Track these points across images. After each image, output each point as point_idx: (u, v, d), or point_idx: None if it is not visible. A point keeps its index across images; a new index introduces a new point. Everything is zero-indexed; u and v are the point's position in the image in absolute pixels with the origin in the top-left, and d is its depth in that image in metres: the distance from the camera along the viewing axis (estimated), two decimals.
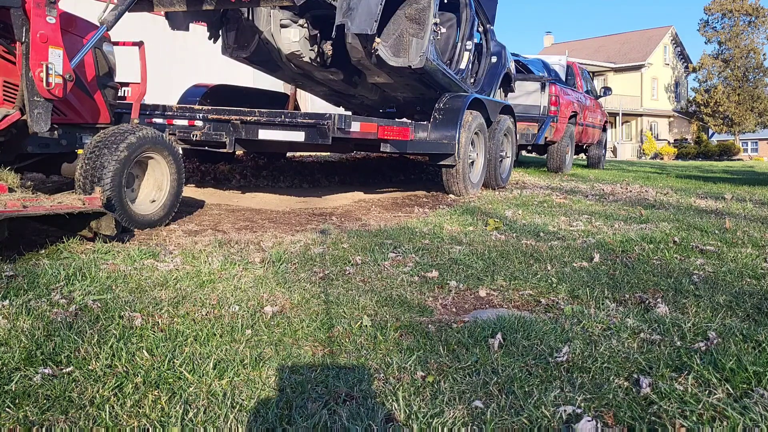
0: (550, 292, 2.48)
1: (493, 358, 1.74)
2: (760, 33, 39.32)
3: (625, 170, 12.83)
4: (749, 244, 3.47)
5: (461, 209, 4.91)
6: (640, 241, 3.51)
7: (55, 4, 3.03)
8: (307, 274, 2.68)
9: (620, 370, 1.66)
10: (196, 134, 4.79)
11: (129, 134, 3.52)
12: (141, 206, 3.75)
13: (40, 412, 1.40)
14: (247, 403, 1.47)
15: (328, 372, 1.65)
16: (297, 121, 4.47)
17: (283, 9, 5.70)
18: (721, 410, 1.41)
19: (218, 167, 6.83)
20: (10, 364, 1.62)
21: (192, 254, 2.95)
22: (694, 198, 6.39)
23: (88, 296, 2.21)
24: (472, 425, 1.39)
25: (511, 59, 8.39)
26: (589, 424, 1.35)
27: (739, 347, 1.76)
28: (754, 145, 44.41)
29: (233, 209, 4.83)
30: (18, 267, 2.59)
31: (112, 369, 1.63)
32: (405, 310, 2.21)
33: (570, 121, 10.16)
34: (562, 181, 8.49)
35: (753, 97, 38.44)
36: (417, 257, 3.05)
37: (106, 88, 3.92)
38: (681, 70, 44.09)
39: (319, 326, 2.01)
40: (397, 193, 6.18)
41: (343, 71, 6.24)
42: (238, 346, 1.81)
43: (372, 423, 1.37)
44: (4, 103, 3.15)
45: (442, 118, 5.76)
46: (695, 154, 35.81)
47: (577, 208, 5.29)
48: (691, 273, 2.76)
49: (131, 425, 1.36)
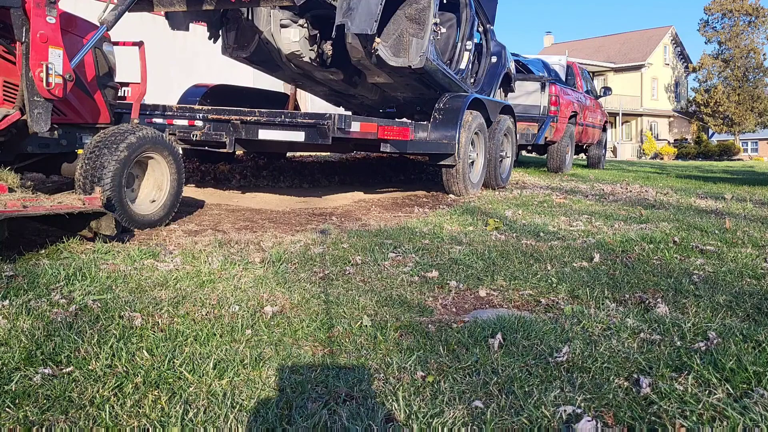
0: (550, 292, 2.48)
1: (493, 358, 1.74)
2: (760, 33, 39.32)
3: (625, 170, 12.83)
4: (749, 244, 3.47)
5: (461, 209, 4.91)
6: (640, 241, 3.51)
7: (55, 4, 3.03)
8: (307, 274, 2.68)
9: (620, 370, 1.66)
10: (196, 134, 4.79)
11: (129, 134, 3.52)
12: (141, 206, 3.74)
13: (40, 412, 1.40)
14: (247, 403, 1.47)
15: (328, 372, 1.65)
16: (297, 121, 4.47)
17: (283, 9, 5.70)
18: (721, 410, 1.41)
19: (218, 167, 6.83)
20: (10, 364, 1.62)
21: (192, 254, 2.95)
22: (694, 198, 6.39)
23: (88, 296, 2.21)
24: (472, 425, 1.39)
25: (511, 59, 8.39)
26: (589, 424, 1.35)
27: (739, 347, 1.76)
28: (754, 145, 44.41)
29: (233, 209, 4.83)
30: (18, 267, 2.59)
31: (112, 369, 1.63)
32: (405, 310, 2.21)
33: (570, 121, 10.16)
34: (562, 181, 8.49)
35: (753, 97, 38.43)
36: (417, 257, 3.05)
37: (106, 88, 3.92)
38: (681, 70, 44.09)
39: (319, 326, 2.01)
40: (397, 193, 6.18)
41: (343, 71, 6.24)
42: (238, 346, 1.81)
43: (372, 423, 1.37)
44: (4, 103, 3.15)
45: (442, 118, 5.76)
46: (695, 154, 35.80)
47: (577, 208, 5.29)
48: (691, 273, 2.76)
49: (131, 425, 1.36)
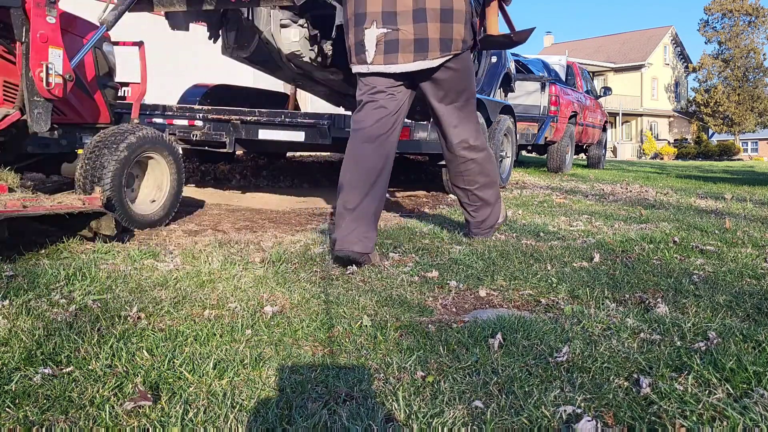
0: (550, 292, 2.48)
1: (493, 358, 1.74)
2: (760, 33, 39.32)
3: (625, 170, 12.84)
4: (749, 244, 3.47)
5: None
6: (640, 241, 3.51)
7: (55, 4, 3.03)
8: (307, 274, 2.68)
9: (620, 370, 1.66)
10: (196, 134, 4.80)
11: (129, 134, 3.52)
12: (141, 206, 3.75)
13: (40, 412, 1.40)
14: (247, 403, 1.47)
15: (328, 372, 1.65)
16: (297, 121, 4.47)
17: (283, 9, 5.69)
18: (721, 410, 1.41)
19: (218, 167, 6.84)
20: (10, 364, 1.62)
21: (192, 254, 2.95)
22: (694, 198, 6.39)
23: (88, 296, 2.21)
24: (472, 425, 1.39)
25: (511, 59, 8.39)
26: (589, 424, 1.35)
27: (739, 347, 1.76)
28: (754, 145, 44.40)
29: (233, 209, 4.83)
30: (18, 267, 2.59)
31: (112, 369, 1.63)
32: (405, 310, 2.21)
33: (570, 121, 10.16)
34: (562, 181, 8.50)
35: (753, 97, 38.44)
36: (417, 257, 3.05)
37: (106, 88, 3.92)
38: (681, 70, 44.08)
39: (319, 326, 2.01)
40: (397, 193, 6.19)
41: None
42: (238, 346, 1.81)
43: (372, 423, 1.37)
44: (4, 103, 3.15)
45: None
46: (695, 154, 35.81)
47: (577, 208, 5.29)
48: (691, 273, 2.76)
49: (131, 425, 1.36)
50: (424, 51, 2.80)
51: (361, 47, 2.87)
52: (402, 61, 2.81)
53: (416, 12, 2.76)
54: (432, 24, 2.77)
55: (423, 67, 2.85)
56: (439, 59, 2.84)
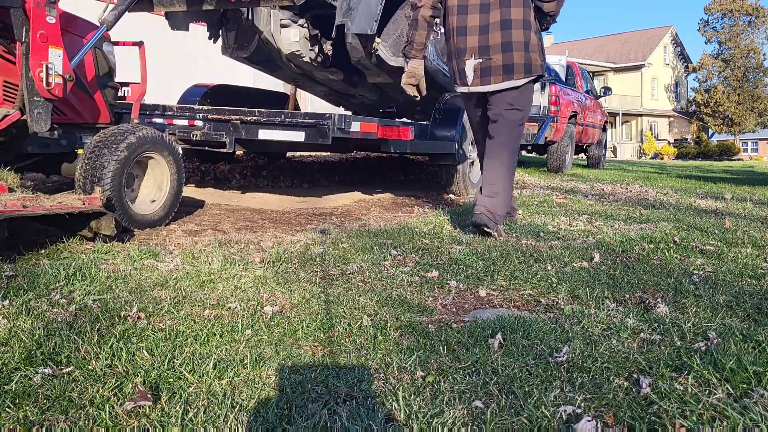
0: (550, 292, 2.48)
1: (493, 358, 1.74)
2: (760, 33, 39.32)
3: (625, 170, 12.84)
4: (749, 244, 3.47)
5: (461, 209, 4.91)
6: (640, 241, 3.51)
7: (55, 4, 3.03)
8: (307, 274, 2.68)
9: (620, 370, 1.66)
10: (196, 134, 4.80)
11: (129, 134, 3.52)
12: (141, 206, 3.75)
13: (40, 412, 1.40)
14: (247, 403, 1.47)
15: (328, 372, 1.65)
16: (297, 121, 4.47)
17: (283, 9, 5.70)
18: (721, 410, 1.41)
19: (218, 167, 6.84)
20: (10, 364, 1.62)
21: (192, 254, 2.95)
22: (694, 198, 6.39)
23: (88, 296, 2.21)
24: (472, 425, 1.39)
25: None
26: (589, 424, 1.35)
27: (739, 347, 1.76)
28: (754, 145, 44.41)
29: (233, 209, 4.83)
30: (18, 267, 2.59)
31: (112, 369, 1.63)
32: (405, 310, 2.21)
33: (570, 121, 10.16)
34: (562, 181, 8.50)
35: (753, 97, 38.43)
36: (417, 257, 3.05)
37: (106, 88, 3.92)
38: (681, 70, 44.07)
39: (319, 326, 2.01)
40: (397, 193, 6.19)
41: (343, 71, 6.24)
42: (238, 346, 1.81)
43: (372, 423, 1.37)
44: (4, 103, 3.15)
45: (441, 118, 5.76)
46: (695, 154, 35.81)
47: (577, 208, 5.29)
48: (691, 273, 2.76)
49: (131, 425, 1.36)
50: (510, 74, 3.60)
51: (463, 74, 3.72)
52: (494, 83, 3.65)
53: (504, 44, 3.57)
54: (517, 53, 3.56)
55: (509, 86, 3.64)
56: (523, 80, 3.62)
